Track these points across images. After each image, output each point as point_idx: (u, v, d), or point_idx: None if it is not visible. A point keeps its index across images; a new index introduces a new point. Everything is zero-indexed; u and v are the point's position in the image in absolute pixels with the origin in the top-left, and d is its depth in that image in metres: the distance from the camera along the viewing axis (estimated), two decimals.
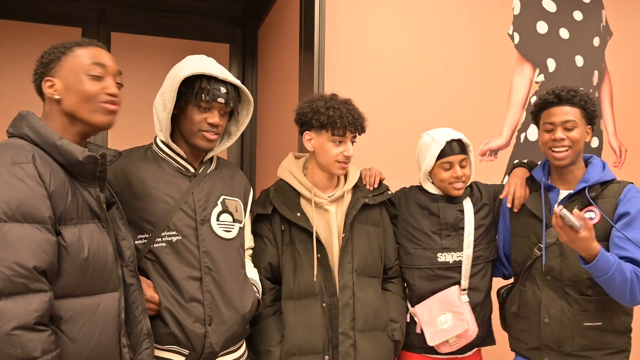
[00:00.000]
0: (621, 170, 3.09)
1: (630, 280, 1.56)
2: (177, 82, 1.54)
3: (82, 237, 1.24)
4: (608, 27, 3.09)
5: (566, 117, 1.74)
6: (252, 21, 3.74)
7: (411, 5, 2.64)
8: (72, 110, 1.30)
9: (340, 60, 2.49)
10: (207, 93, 1.56)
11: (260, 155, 3.60)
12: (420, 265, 1.88)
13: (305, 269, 1.75)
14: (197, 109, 1.59)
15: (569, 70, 2.96)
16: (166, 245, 1.55)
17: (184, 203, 1.59)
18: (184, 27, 3.65)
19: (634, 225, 1.63)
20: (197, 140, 1.61)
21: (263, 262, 1.80)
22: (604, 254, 1.54)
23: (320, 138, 1.77)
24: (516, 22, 2.85)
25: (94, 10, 3.49)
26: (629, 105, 3.13)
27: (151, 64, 3.52)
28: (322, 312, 1.73)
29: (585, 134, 1.77)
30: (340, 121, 1.72)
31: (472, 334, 1.81)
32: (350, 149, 1.77)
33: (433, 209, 1.90)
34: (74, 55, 1.31)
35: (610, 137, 3.07)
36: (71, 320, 1.21)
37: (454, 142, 1.86)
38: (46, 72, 1.31)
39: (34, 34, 3.43)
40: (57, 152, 1.24)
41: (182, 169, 1.64)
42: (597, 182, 1.73)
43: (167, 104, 1.56)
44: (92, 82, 1.31)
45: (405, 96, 2.60)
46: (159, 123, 1.62)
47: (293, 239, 1.78)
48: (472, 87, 2.72)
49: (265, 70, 3.49)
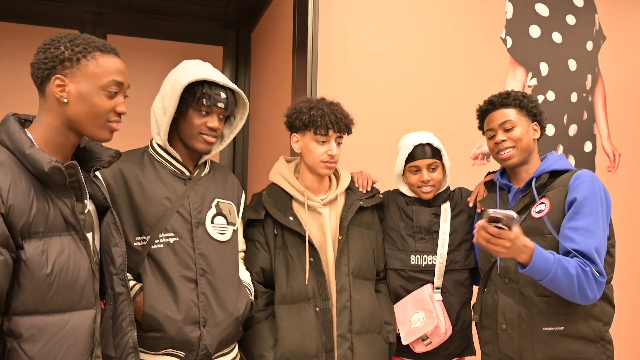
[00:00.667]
0: (615, 174, 3.08)
1: (577, 276, 1.49)
2: (180, 88, 1.57)
3: (47, 251, 1.17)
4: (601, 31, 3.09)
5: (502, 119, 1.75)
6: (246, 24, 3.76)
7: (404, 10, 2.64)
8: (76, 119, 1.24)
9: (333, 63, 2.49)
10: (208, 98, 1.59)
11: (252, 159, 3.60)
12: (395, 266, 1.90)
13: (298, 273, 1.75)
14: (198, 113, 1.62)
15: (562, 74, 2.96)
16: (164, 246, 1.56)
17: (180, 206, 1.61)
18: (178, 30, 3.70)
19: (582, 212, 1.56)
20: (197, 144, 1.64)
21: (255, 267, 1.80)
22: (540, 253, 1.48)
23: (305, 138, 1.79)
24: (509, 26, 2.86)
25: (90, 13, 3.54)
26: (623, 109, 3.13)
27: (146, 65, 3.56)
28: (315, 316, 1.73)
29: (532, 131, 1.76)
30: (321, 120, 1.73)
31: (444, 331, 1.79)
32: (334, 148, 1.77)
33: (408, 211, 1.92)
34: (96, 63, 1.24)
35: (604, 141, 3.07)
36: (32, 338, 1.15)
37: (422, 146, 1.87)
38: (58, 70, 1.22)
39: (30, 35, 3.45)
40: (26, 160, 1.18)
41: (177, 172, 1.65)
42: (543, 172, 1.70)
43: (168, 108, 1.59)
44: (106, 99, 1.26)
45: (397, 100, 2.60)
46: (157, 127, 1.64)
47: (286, 243, 1.78)
48: (464, 91, 2.72)
49: (258, 72, 3.50)
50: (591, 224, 1.55)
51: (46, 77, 1.22)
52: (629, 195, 3.11)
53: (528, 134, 1.74)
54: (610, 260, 1.65)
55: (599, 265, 1.52)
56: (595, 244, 1.53)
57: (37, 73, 1.23)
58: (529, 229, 1.65)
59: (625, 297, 2.91)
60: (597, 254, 1.52)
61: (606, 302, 1.64)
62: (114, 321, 1.36)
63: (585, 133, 3.02)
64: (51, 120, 1.24)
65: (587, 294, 1.50)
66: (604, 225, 1.58)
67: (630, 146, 3.14)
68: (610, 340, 1.63)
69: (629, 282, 3.05)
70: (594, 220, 1.55)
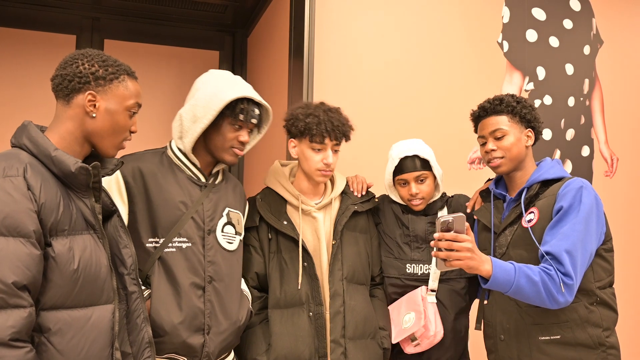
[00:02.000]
0: (613, 179, 3.07)
1: (542, 282, 1.47)
2: (222, 104, 1.60)
3: (72, 248, 1.24)
4: (599, 35, 3.09)
5: (493, 127, 1.73)
6: (242, 29, 3.78)
7: (401, 14, 2.64)
8: (97, 133, 1.33)
9: (329, 67, 2.49)
10: (246, 114, 1.64)
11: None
12: (390, 274, 1.88)
13: (291, 278, 1.75)
14: (231, 127, 1.65)
15: (559, 78, 2.96)
16: (176, 251, 1.59)
17: (195, 212, 1.63)
18: (175, 35, 3.73)
19: (564, 219, 1.55)
20: (227, 156, 1.68)
21: (250, 272, 1.80)
22: (499, 265, 1.47)
23: (301, 145, 1.78)
24: (505, 31, 2.85)
25: (88, 18, 3.59)
26: (621, 114, 3.12)
27: (143, 70, 3.57)
28: (308, 321, 1.73)
29: (525, 137, 1.74)
30: (317, 128, 1.72)
31: (433, 334, 1.77)
32: (330, 156, 1.75)
33: (404, 220, 1.90)
34: (125, 85, 1.36)
35: (601, 145, 3.06)
36: (60, 332, 1.21)
37: (409, 159, 1.83)
38: (92, 85, 1.31)
39: (30, 41, 3.49)
40: (51, 162, 1.25)
41: (194, 178, 1.68)
42: (534, 182, 1.68)
43: (202, 119, 1.61)
44: (128, 119, 1.37)
45: (394, 104, 2.59)
46: (182, 132, 1.66)
47: (280, 247, 1.78)
48: (461, 95, 2.71)
49: (254, 77, 3.49)
50: (568, 228, 1.53)
51: (78, 90, 1.31)
52: (627, 200, 3.09)
53: (519, 143, 1.72)
54: (605, 265, 1.63)
55: (567, 266, 1.49)
56: (566, 246, 1.50)
57: (68, 84, 1.31)
58: (519, 239, 1.65)
59: (624, 301, 2.89)
60: (567, 255, 1.49)
61: (605, 307, 1.62)
62: (128, 319, 1.40)
63: (583, 137, 3.01)
64: (72, 130, 1.31)
65: (557, 299, 1.48)
66: (586, 231, 1.54)
67: (628, 150, 3.13)
68: (613, 345, 1.61)
69: (628, 286, 3.03)
70: (572, 225, 1.53)
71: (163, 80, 3.69)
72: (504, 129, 1.71)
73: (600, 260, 1.62)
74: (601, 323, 1.60)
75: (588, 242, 1.55)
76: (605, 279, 1.63)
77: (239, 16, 3.62)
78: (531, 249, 1.61)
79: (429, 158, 1.84)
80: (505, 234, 1.71)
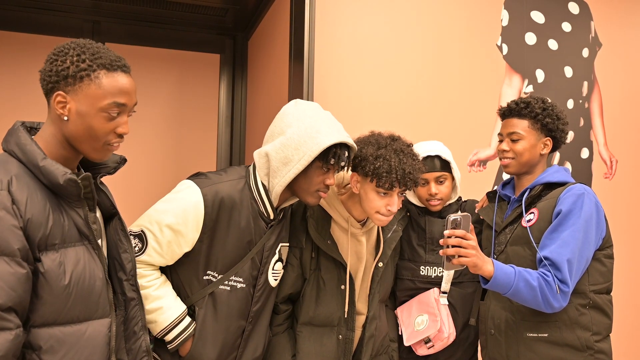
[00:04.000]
0: (612, 181, 3.08)
1: (539, 287, 1.50)
2: (319, 149, 1.49)
3: (64, 263, 1.17)
4: (597, 38, 3.10)
5: (511, 129, 1.76)
6: (243, 32, 3.79)
7: (400, 18, 2.65)
8: (74, 137, 1.21)
9: (329, 71, 2.49)
10: (338, 159, 1.53)
11: None
12: (403, 275, 1.88)
13: (327, 299, 1.70)
14: (320, 170, 1.55)
15: (558, 81, 2.97)
16: (230, 290, 1.55)
17: (256, 252, 1.58)
18: (175, 38, 3.74)
19: (563, 224, 1.57)
20: (311, 199, 1.58)
21: (283, 292, 1.74)
22: (500, 268, 1.50)
23: (365, 185, 1.63)
24: (504, 34, 2.87)
25: (89, 22, 3.59)
26: (620, 116, 3.13)
27: (144, 73, 3.62)
28: (337, 343, 1.70)
29: (541, 145, 1.75)
30: (387, 176, 1.56)
31: (447, 336, 1.78)
32: (396, 203, 1.61)
33: (420, 222, 1.89)
34: (98, 83, 1.18)
35: (600, 148, 3.07)
36: (51, 350, 1.15)
37: (431, 158, 1.83)
38: (61, 85, 1.18)
39: (30, 45, 3.49)
40: (40, 173, 1.16)
41: (264, 215, 1.59)
42: (537, 184, 1.71)
43: (295, 163, 1.50)
44: (105, 121, 1.20)
45: (394, 107, 2.60)
46: (268, 169, 1.56)
47: (319, 266, 1.72)
48: (461, 98, 2.72)
49: (255, 80, 3.51)
50: (568, 235, 1.55)
51: (50, 90, 1.20)
52: (627, 202, 3.10)
53: (533, 149, 1.74)
54: (602, 269, 1.64)
55: (565, 274, 1.52)
56: (567, 255, 1.53)
57: (43, 84, 1.21)
58: (517, 237, 1.68)
59: (624, 304, 2.90)
60: (567, 264, 1.52)
61: (598, 312, 1.63)
62: (125, 325, 1.35)
63: (582, 140, 3.02)
64: (55, 133, 1.22)
65: (552, 304, 1.52)
66: (584, 238, 1.56)
67: (628, 153, 3.14)
68: (603, 350, 1.62)
69: (629, 289, 3.04)
70: (572, 232, 1.55)
71: (164, 83, 3.69)
72: (521, 133, 1.74)
73: (598, 264, 1.64)
74: (591, 327, 1.61)
75: (586, 249, 1.57)
76: (602, 284, 1.64)
77: (239, 19, 3.63)
78: (529, 247, 1.64)
79: (449, 160, 1.86)
80: (505, 232, 1.74)
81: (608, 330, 1.66)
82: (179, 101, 3.71)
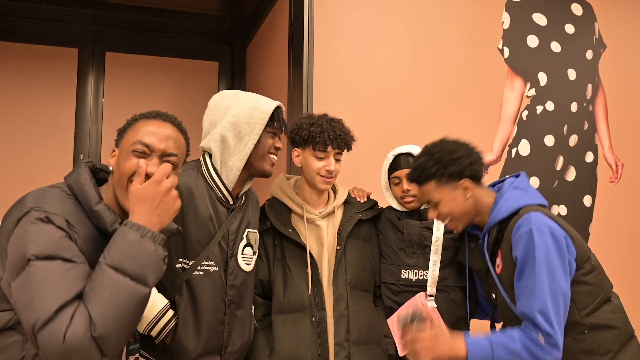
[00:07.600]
0: (618, 185, 3.03)
1: (523, 347, 1.43)
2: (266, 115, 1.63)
3: None
4: (601, 39, 3.06)
5: (426, 198, 1.65)
6: (241, 39, 3.82)
7: (400, 21, 2.63)
8: (114, 186, 1.25)
9: (329, 77, 2.47)
10: (280, 120, 1.70)
11: None
12: (386, 279, 1.88)
13: (295, 284, 1.79)
14: (269, 135, 1.68)
15: (562, 84, 2.93)
16: (204, 274, 1.60)
17: (221, 236, 1.64)
18: (175, 46, 3.79)
19: (523, 271, 1.48)
20: (266, 165, 1.69)
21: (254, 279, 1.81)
22: (472, 343, 1.45)
23: (305, 153, 1.83)
24: (506, 37, 2.83)
25: (90, 31, 3.67)
26: (625, 119, 3.08)
27: (144, 81, 3.67)
28: (311, 326, 1.76)
29: (461, 192, 1.60)
30: (320, 136, 1.77)
31: None
32: (332, 163, 1.80)
33: (399, 225, 1.90)
34: (134, 128, 1.26)
35: (605, 151, 3.02)
36: None
37: (402, 157, 1.87)
38: (117, 141, 1.28)
39: (32, 54, 3.55)
40: (92, 215, 1.20)
41: (223, 200, 1.66)
42: (491, 226, 1.59)
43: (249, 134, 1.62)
44: (132, 160, 1.22)
45: (393, 112, 2.57)
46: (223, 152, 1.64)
47: (284, 254, 1.82)
48: (462, 102, 2.69)
49: (254, 87, 3.49)
50: (531, 283, 1.46)
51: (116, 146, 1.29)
52: (633, 207, 3.04)
53: (456, 202, 1.60)
54: (589, 289, 1.54)
55: (543, 326, 1.43)
56: (537, 306, 1.44)
57: None
58: (493, 284, 1.62)
59: (627, 310, 2.84)
60: (540, 315, 1.44)
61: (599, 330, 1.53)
62: None
63: (586, 143, 2.97)
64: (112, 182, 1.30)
65: (545, 359, 1.44)
66: (551, 279, 1.46)
67: (633, 156, 3.08)
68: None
69: (634, 293, 2.98)
70: (534, 279, 1.46)
71: (163, 90, 3.72)
72: (435, 197, 1.62)
73: (581, 286, 1.54)
74: (597, 349, 1.52)
75: (557, 288, 1.47)
76: (592, 303, 1.54)
77: (237, 27, 3.66)
78: None
79: None
80: (490, 274, 1.66)
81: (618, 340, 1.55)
82: (177, 109, 3.69)
